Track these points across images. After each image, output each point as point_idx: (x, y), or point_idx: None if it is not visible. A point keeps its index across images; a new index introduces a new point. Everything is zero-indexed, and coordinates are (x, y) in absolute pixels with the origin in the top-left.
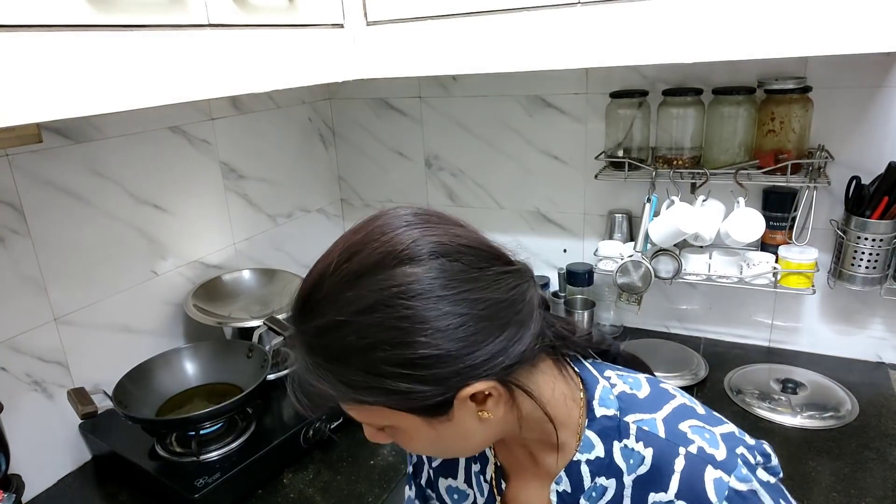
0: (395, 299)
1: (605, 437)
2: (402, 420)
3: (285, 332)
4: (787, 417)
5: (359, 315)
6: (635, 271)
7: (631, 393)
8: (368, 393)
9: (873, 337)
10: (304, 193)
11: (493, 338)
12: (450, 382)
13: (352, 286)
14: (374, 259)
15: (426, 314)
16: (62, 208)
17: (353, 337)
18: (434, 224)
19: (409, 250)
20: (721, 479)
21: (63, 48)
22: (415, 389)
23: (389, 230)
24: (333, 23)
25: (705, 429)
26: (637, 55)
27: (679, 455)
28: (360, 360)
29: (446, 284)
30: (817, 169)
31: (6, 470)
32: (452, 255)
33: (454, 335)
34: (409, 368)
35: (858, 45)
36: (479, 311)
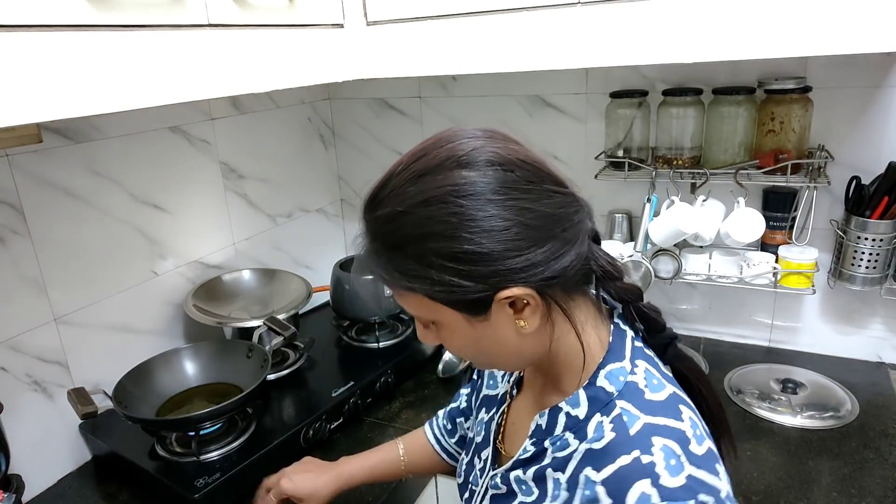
0: (448, 196)
1: (592, 403)
2: (445, 315)
3: (285, 332)
4: (787, 417)
5: (415, 207)
6: (635, 271)
7: (642, 389)
8: (417, 281)
9: (873, 337)
10: (304, 193)
11: (535, 247)
12: (490, 281)
13: (414, 183)
14: (436, 161)
15: (474, 213)
16: (62, 208)
17: (408, 227)
18: (496, 139)
19: (467, 156)
20: (650, 498)
21: (63, 48)
22: (457, 283)
23: (455, 139)
24: (333, 23)
25: (678, 458)
26: (637, 55)
27: (630, 455)
28: (413, 248)
29: (497, 189)
30: (817, 169)
31: (6, 470)
32: (507, 165)
33: (498, 237)
34: (453, 262)
35: (858, 45)
36: (524, 218)
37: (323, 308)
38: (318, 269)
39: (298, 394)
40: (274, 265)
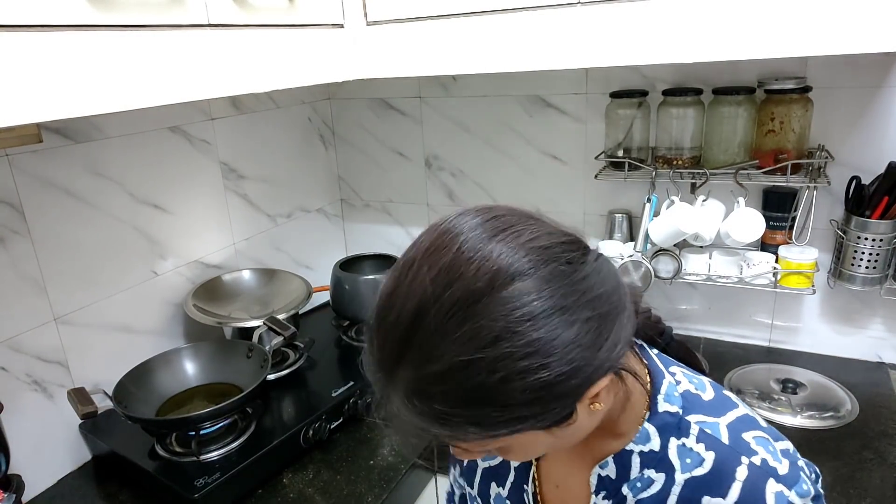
0: (519, 324)
1: (663, 432)
2: (520, 438)
3: (285, 332)
4: (787, 417)
5: (484, 349)
6: (635, 271)
7: (695, 393)
8: (504, 426)
9: (873, 337)
10: (304, 193)
11: (610, 331)
12: (580, 390)
13: (465, 320)
14: (481, 284)
15: (555, 331)
16: (62, 208)
17: (483, 375)
18: (516, 227)
19: (514, 265)
20: (782, 493)
21: (63, 48)
22: (549, 409)
23: (476, 245)
24: (333, 23)
25: (769, 441)
26: (637, 55)
27: (742, 464)
28: (495, 396)
29: (564, 293)
30: (817, 169)
31: (6, 470)
32: (552, 257)
33: (582, 341)
34: (545, 391)
35: (858, 45)
36: (598, 310)
37: (323, 308)
38: (318, 269)
39: (298, 394)
40: (274, 265)
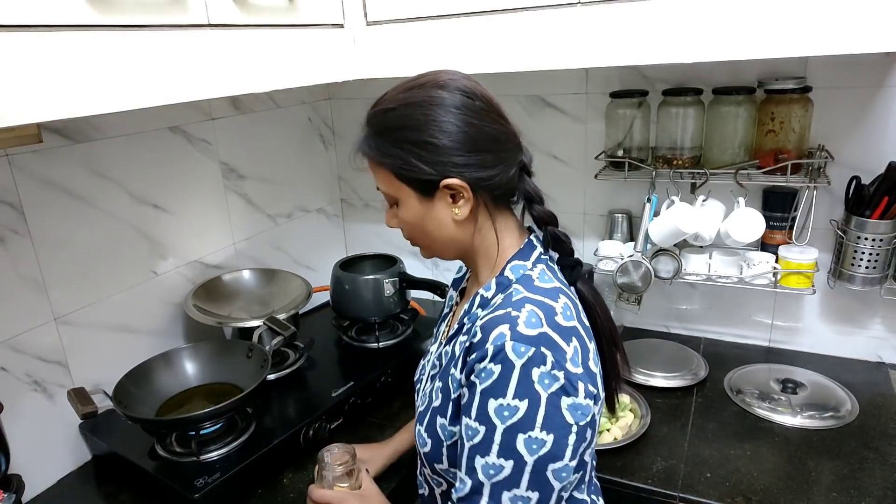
0: (424, 103)
1: (498, 287)
2: (403, 192)
3: (286, 332)
4: (787, 417)
5: (401, 106)
6: (635, 271)
7: (533, 279)
8: (389, 158)
9: (873, 337)
10: (304, 193)
11: (475, 153)
12: (438, 167)
13: (403, 92)
14: (421, 81)
15: (438, 117)
16: (62, 208)
17: (392, 120)
18: (469, 79)
19: (445, 82)
20: (503, 335)
21: (63, 48)
22: (416, 164)
23: (442, 72)
24: (333, 23)
25: (538, 319)
26: (637, 55)
27: (504, 310)
28: (391, 134)
29: (458, 106)
30: (817, 169)
31: (6, 470)
32: (470, 94)
33: (451, 137)
34: (416, 147)
35: (858, 45)
36: (471, 130)
37: (323, 308)
38: (318, 269)
39: (298, 394)
40: (274, 265)
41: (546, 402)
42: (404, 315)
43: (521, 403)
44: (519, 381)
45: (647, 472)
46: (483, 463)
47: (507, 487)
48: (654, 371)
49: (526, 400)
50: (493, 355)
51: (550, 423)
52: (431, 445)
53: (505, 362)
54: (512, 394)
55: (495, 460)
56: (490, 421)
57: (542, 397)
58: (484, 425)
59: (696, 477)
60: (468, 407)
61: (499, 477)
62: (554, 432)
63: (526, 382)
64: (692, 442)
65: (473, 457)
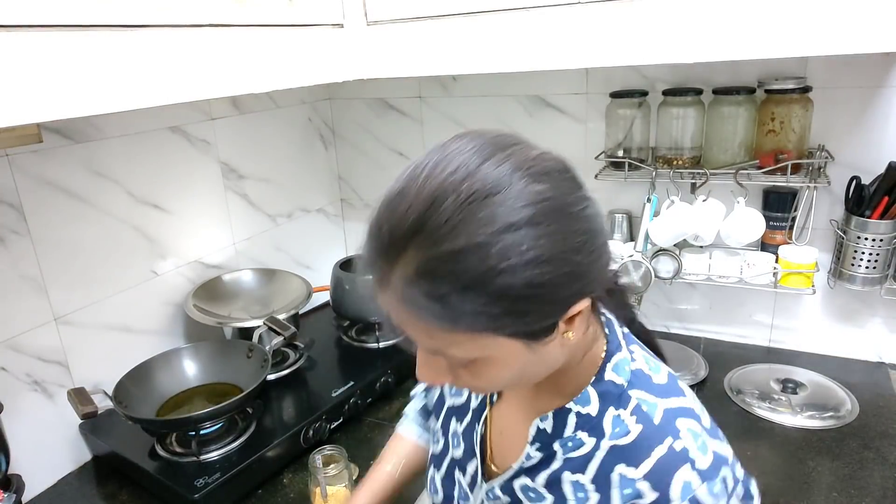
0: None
1: (604, 399)
2: (500, 348)
3: (285, 332)
4: (787, 417)
5: (500, 235)
6: (635, 271)
7: (647, 374)
8: (488, 319)
9: (873, 337)
10: (304, 193)
11: (600, 253)
12: (569, 300)
13: (484, 205)
14: (503, 177)
15: (563, 229)
16: (62, 208)
17: (493, 259)
18: (520, 145)
19: (536, 166)
20: (691, 484)
21: (63, 48)
22: (538, 310)
23: (489, 150)
24: (333, 23)
25: (701, 436)
26: (637, 55)
27: (663, 444)
28: (498, 283)
29: (571, 201)
30: (817, 169)
31: (6, 470)
32: (564, 170)
33: (585, 248)
34: (541, 289)
35: (858, 45)
36: (594, 225)
37: (323, 308)
38: (318, 269)
39: (298, 394)
40: (274, 265)
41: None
42: None
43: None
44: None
45: None
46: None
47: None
48: None
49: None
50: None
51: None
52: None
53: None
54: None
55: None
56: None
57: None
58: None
59: None
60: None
61: None
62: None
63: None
64: None
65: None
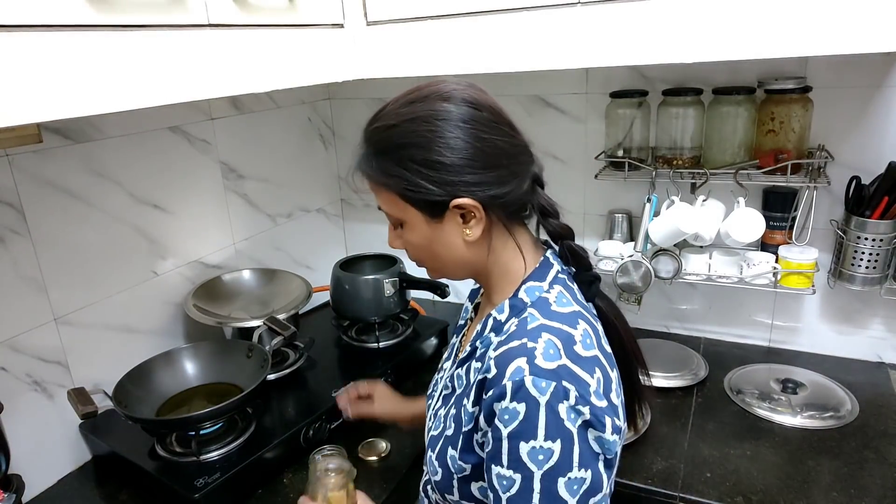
0: (429, 118)
1: (512, 310)
2: (409, 214)
3: (286, 332)
4: (787, 417)
5: (403, 123)
6: (635, 271)
7: (550, 303)
8: (394, 179)
9: (873, 337)
10: (304, 193)
11: (487, 170)
12: (448, 188)
13: (405, 106)
14: (424, 94)
15: (445, 133)
16: (62, 208)
17: (395, 137)
18: (474, 87)
19: (449, 93)
20: (522, 370)
21: (63, 48)
22: (423, 185)
23: (441, 82)
24: (333, 23)
25: (557, 350)
26: (637, 55)
27: (520, 340)
28: (395, 153)
29: (465, 119)
30: (817, 169)
31: (6, 470)
32: (477, 105)
33: (459, 154)
34: (423, 167)
35: (858, 45)
36: (481, 145)
37: (323, 308)
38: (318, 269)
39: (298, 394)
40: (274, 265)
41: (578, 438)
42: (404, 315)
43: (555, 445)
44: (548, 420)
45: (647, 472)
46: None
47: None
48: (654, 371)
49: (559, 440)
50: (513, 393)
51: (585, 459)
52: (442, 475)
53: (528, 400)
54: (543, 434)
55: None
56: (525, 467)
57: (573, 434)
58: (519, 473)
59: (696, 477)
60: (496, 455)
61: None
62: (591, 468)
63: (555, 420)
64: (692, 442)
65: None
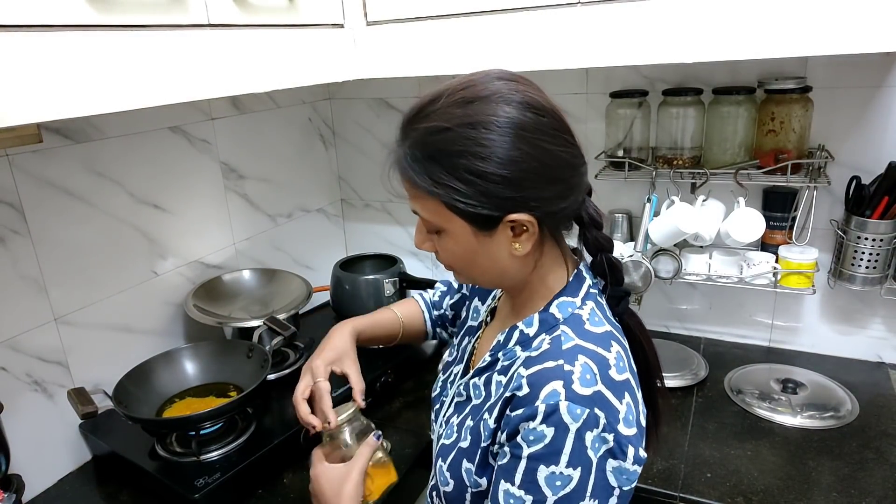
0: (489, 124)
1: (542, 325)
2: (455, 224)
3: (286, 332)
4: (787, 417)
5: (460, 127)
6: (635, 271)
7: (584, 321)
8: (443, 188)
9: (873, 337)
10: (304, 193)
11: (547, 184)
12: (503, 204)
13: (461, 106)
14: (484, 93)
15: (506, 143)
16: (62, 208)
17: (449, 142)
18: (533, 87)
19: (512, 96)
20: (558, 394)
21: (63, 48)
22: (477, 198)
23: (498, 78)
24: (333, 23)
25: (594, 376)
26: (637, 55)
27: (556, 362)
28: (448, 160)
29: (529, 129)
30: (817, 169)
31: (6, 470)
32: (541, 111)
33: (521, 166)
34: (480, 179)
35: (858, 45)
36: (546, 158)
37: (323, 308)
38: (318, 269)
39: None
40: (274, 265)
41: (596, 467)
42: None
43: (575, 472)
44: (573, 448)
45: (648, 472)
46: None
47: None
48: None
49: (579, 468)
50: (544, 416)
51: (599, 490)
52: (454, 487)
53: (559, 426)
54: (566, 462)
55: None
56: (540, 492)
57: (593, 463)
58: (531, 496)
59: (696, 477)
60: (510, 472)
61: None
62: (600, 499)
63: (580, 448)
64: (692, 442)
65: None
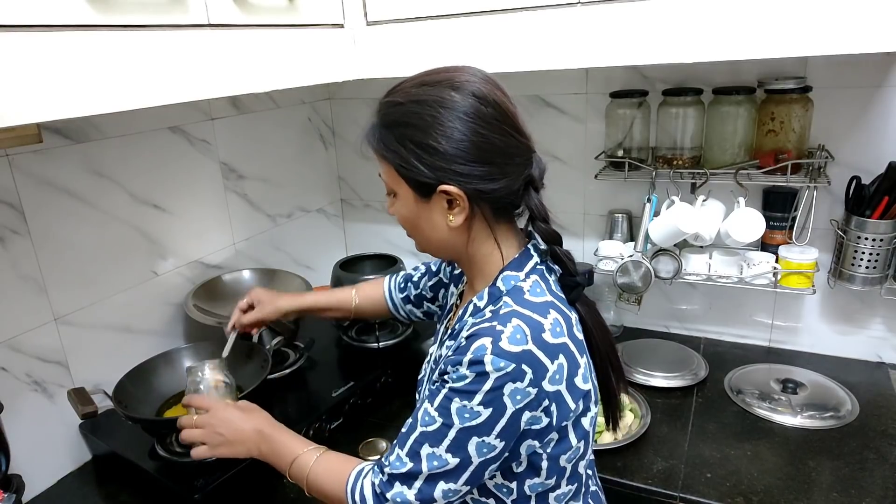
0: (434, 104)
1: (489, 297)
2: (402, 188)
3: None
4: (787, 417)
5: (410, 103)
6: (635, 271)
7: (524, 291)
8: (391, 153)
9: (873, 337)
10: (304, 193)
11: (477, 164)
12: (437, 173)
13: (416, 87)
14: (437, 79)
15: (445, 121)
16: (62, 208)
17: (399, 114)
18: (489, 82)
19: (461, 84)
20: (483, 347)
21: (63, 48)
22: (415, 165)
23: (460, 71)
24: (333, 23)
25: (525, 336)
26: (637, 55)
27: (491, 323)
28: (396, 129)
29: (468, 113)
30: (817, 169)
31: (6, 470)
32: (485, 101)
33: (454, 144)
34: (419, 149)
35: (858, 45)
36: (478, 140)
37: None
38: (318, 269)
39: (298, 394)
40: (274, 265)
41: (510, 415)
42: None
43: (485, 411)
44: (488, 392)
45: (647, 472)
46: (430, 452)
47: (444, 479)
48: (654, 371)
49: (490, 409)
50: (469, 363)
51: (507, 433)
52: None
53: (480, 373)
54: (478, 401)
55: (443, 454)
56: (450, 416)
57: (507, 410)
58: (442, 418)
59: (696, 477)
60: (433, 396)
61: (440, 469)
62: (506, 440)
63: (496, 395)
64: (692, 442)
65: (422, 443)
